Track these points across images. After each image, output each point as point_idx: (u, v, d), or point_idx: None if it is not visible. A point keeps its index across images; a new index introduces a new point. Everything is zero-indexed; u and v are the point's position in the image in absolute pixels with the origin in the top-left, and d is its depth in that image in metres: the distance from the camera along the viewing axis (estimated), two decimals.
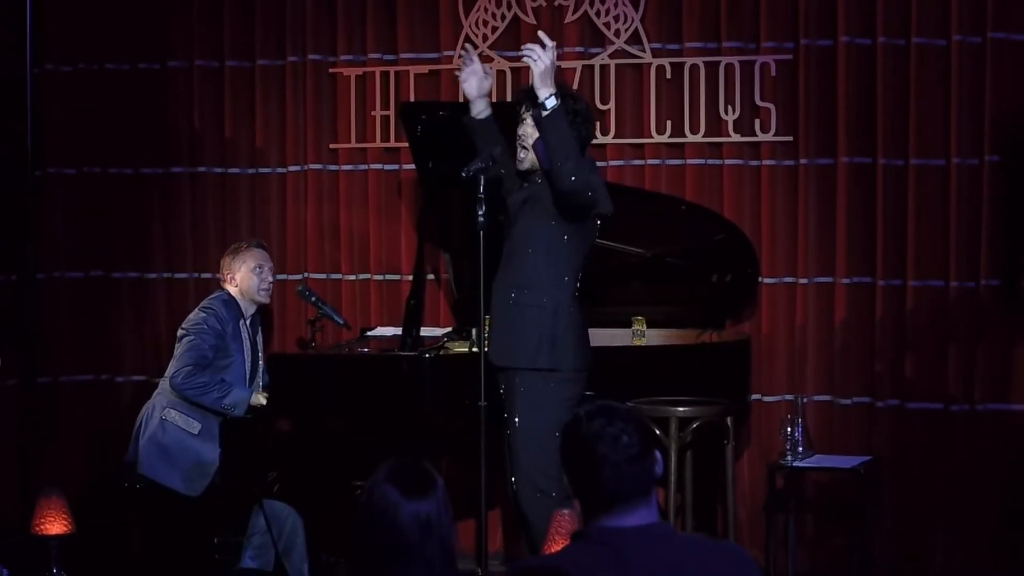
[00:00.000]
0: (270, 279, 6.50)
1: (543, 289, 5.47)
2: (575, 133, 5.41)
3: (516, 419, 5.43)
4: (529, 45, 5.27)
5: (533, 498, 5.41)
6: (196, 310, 6.37)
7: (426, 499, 3.14)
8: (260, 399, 6.23)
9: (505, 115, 5.67)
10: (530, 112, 5.44)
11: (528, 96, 5.48)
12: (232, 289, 6.44)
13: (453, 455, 5.99)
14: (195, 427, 6.25)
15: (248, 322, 6.43)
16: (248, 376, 6.37)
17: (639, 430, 3.23)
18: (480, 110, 5.69)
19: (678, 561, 3.17)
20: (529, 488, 5.42)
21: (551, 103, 5.23)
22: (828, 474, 6.51)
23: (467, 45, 5.92)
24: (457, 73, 5.82)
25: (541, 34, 5.29)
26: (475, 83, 5.68)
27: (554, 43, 5.23)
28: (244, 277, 6.42)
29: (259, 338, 6.55)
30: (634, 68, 6.98)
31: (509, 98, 6.99)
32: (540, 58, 5.21)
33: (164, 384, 6.35)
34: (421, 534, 3.12)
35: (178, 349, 6.28)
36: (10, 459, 7.26)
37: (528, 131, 5.47)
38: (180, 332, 6.32)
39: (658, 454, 3.26)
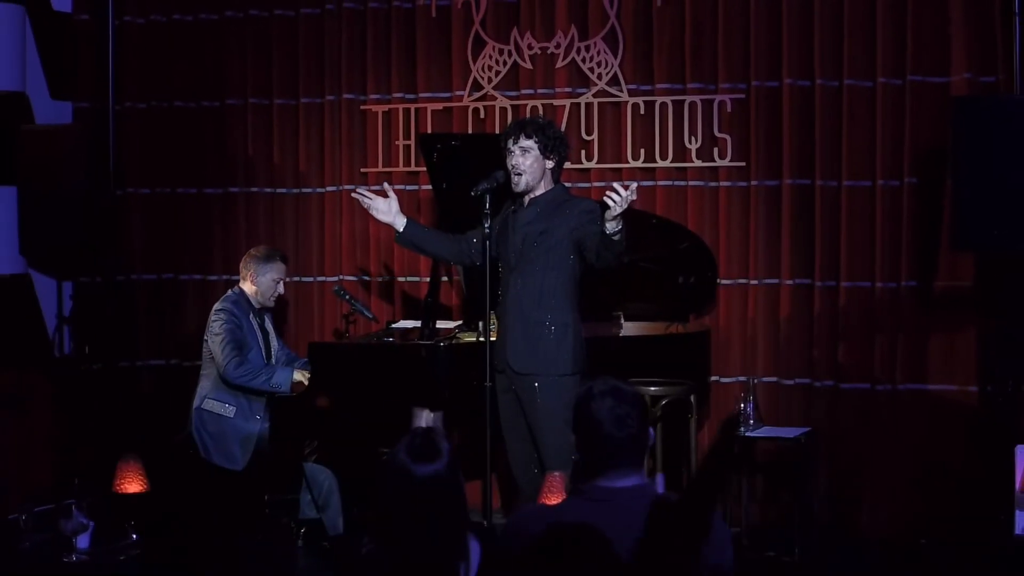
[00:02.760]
0: (282, 291, 6.48)
1: (563, 310, 5.46)
2: (556, 157, 5.47)
3: (539, 414, 5.42)
4: (617, 187, 5.04)
5: (565, 455, 5.42)
6: (212, 316, 6.29)
7: (435, 464, 3.17)
8: (300, 376, 6.24)
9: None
10: (517, 145, 5.45)
11: (511, 132, 5.52)
12: (247, 287, 6.39)
13: (463, 426, 6.01)
14: (230, 410, 6.26)
15: (255, 315, 6.39)
16: (264, 359, 6.35)
17: (640, 412, 3.25)
18: (400, 224, 5.67)
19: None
20: (560, 451, 5.44)
21: (618, 233, 5.13)
22: (774, 443, 6.49)
23: (357, 192, 5.80)
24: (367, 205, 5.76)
25: (617, 186, 5.04)
26: (381, 209, 5.67)
27: (635, 186, 5.06)
28: (265, 283, 6.37)
29: (268, 326, 6.49)
30: (613, 105, 7.00)
31: None
32: (619, 204, 5.01)
33: (202, 382, 6.34)
34: (434, 493, 3.15)
35: (215, 348, 6.22)
36: (94, 429, 7.29)
37: (518, 160, 5.45)
38: (210, 338, 6.26)
39: (651, 430, 3.28)
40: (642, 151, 6.95)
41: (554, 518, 3.21)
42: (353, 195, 5.82)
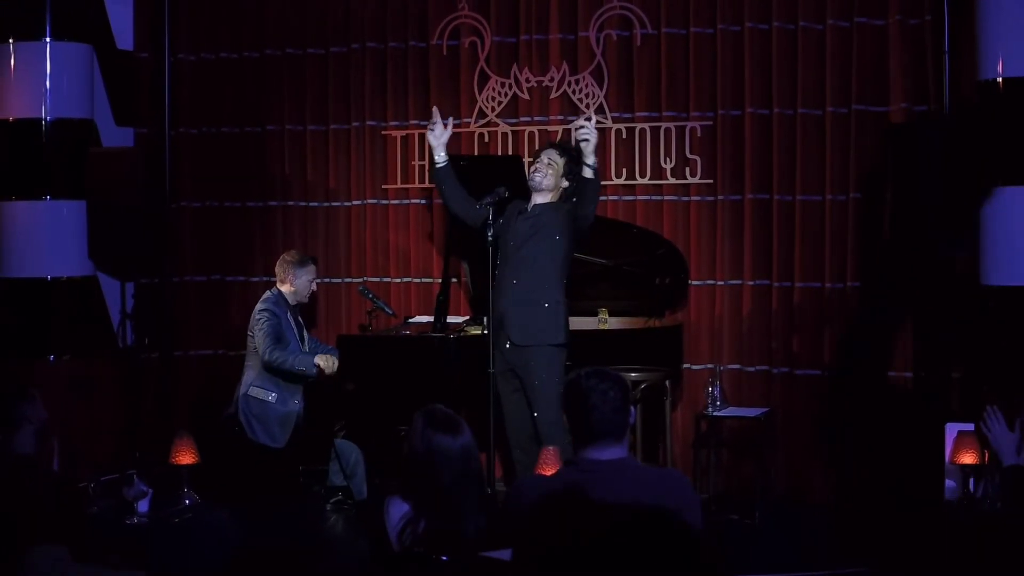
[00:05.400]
0: (314, 288, 6.59)
1: (553, 290, 5.56)
2: (571, 183, 5.58)
3: (536, 381, 5.52)
4: (581, 123, 5.35)
5: (557, 429, 5.48)
6: (256, 315, 6.35)
7: (462, 435, 3.20)
8: (321, 360, 6.20)
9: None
10: (547, 155, 5.61)
11: (548, 145, 5.64)
12: (285, 288, 6.44)
13: (469, 406, 6.02)
14: (272, 396, 6.30)
15: (291, 312, 6.45)
16: (300, 349, 6.39)
17: (622, 390, 3.26)
18: (439, 158, 5.80)
19: (639, 484, 3.21)
20: (552, 425, 5.48)
21: (595, 167, 5.37)
22: (738, 421, 6.51)
23: (436, 108, 5.96)
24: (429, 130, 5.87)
25: (589, 116, 5.35)
26: (436, 133, 5.78)
27: (593, 116, 5.29)
28: (302, 284, 6.45)
29: (300, 320, 6.56)
30: (599, 130, 6.89)
31: (511, 151, 7.07)
32: (591, 135, 5.29)
33: (246, 372, 6.38)
34: (467, 459, 3.18)
35: (257, 338, 6.28)
36: (152, 409, 7.31)
37: (541, 165, 5.63)
38: (255, 333, 6.31)
39: (632, 408, 3.29)
40: (624, 170, 6.97)
41: (548, 487, 3.22)
42: (434, 107, 5.97)
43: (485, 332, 5.67)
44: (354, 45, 7.40)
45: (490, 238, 5.36)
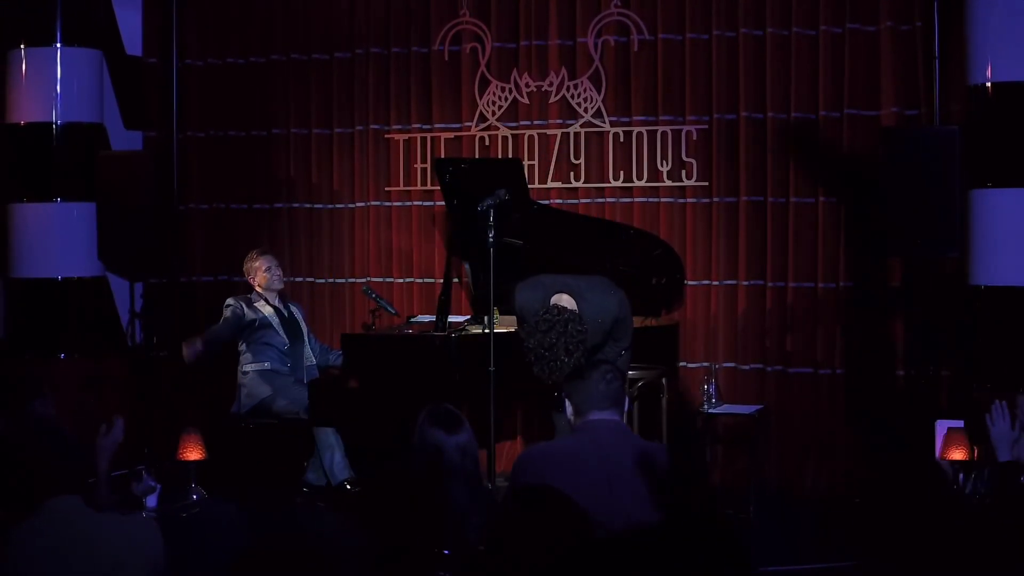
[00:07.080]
0: (278, 273, 6.60)
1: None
2: None
3: None
4: None
5: None
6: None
7: (464, 432, 3.20)
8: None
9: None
10: None
11: None
12: (255, 284, 6.55)
13: (471, 403, 6.00)
14: (267, 364, 6.44)
15: (267, 303, 6.50)
16: (289, 342, 6.48)
17: (618, 373, 3.78)
18: None
19: (629, 444, 3.63)
20: None
21: None
22: (733, 418, 6.51)
23: None
24: None
25: None
26: None
27: None
28: (261, 276, 6.54)
29: (297, 313, 6.62)
30: (597, 134, 7.01)
31: (510, 155, 7.06)
32: None
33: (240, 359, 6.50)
34: (462, 456, 3.17)
35: None
36: (161, 407, 7.29)
37: None
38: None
39: (627, 397, 3.73)
40: (621, 173, 6.95)
41: (550, 451, 3.63)
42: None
43: (486, 331, 5.64)
44: (358, 50, 7.39)
45: (491, 239, 5.31)
